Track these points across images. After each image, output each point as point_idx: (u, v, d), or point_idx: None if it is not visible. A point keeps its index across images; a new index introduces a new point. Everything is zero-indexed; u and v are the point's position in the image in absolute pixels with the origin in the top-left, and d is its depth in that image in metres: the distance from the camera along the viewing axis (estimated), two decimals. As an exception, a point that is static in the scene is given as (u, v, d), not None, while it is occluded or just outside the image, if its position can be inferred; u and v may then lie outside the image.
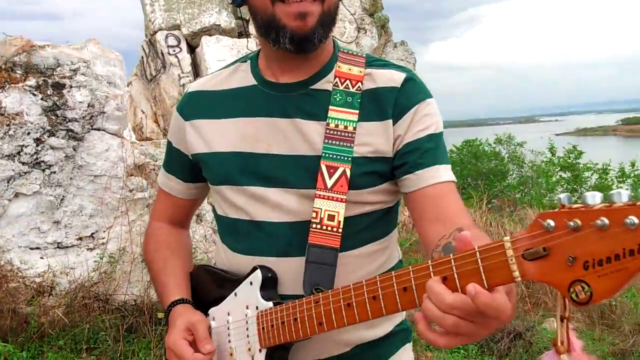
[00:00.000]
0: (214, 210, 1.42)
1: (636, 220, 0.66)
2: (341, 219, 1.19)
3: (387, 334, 1.33)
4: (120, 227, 4.46)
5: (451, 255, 0.84)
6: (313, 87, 1.27)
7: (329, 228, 1.19)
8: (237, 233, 1.31)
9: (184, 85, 7.03)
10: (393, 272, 0.93)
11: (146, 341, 4.03)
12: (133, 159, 4.60)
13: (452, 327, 0.80)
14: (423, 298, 0.84)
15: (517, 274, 0.78)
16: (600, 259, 0.70)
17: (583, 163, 10.16)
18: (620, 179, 9.68)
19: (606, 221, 0.69)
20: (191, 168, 1.42)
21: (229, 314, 1.27)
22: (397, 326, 1.37)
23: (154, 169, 4.76)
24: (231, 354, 1.26)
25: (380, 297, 0.94)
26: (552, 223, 0.74)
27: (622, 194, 0.70)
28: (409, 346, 1.40)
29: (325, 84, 1.27)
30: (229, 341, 1.27)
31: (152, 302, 4.23)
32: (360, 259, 1.26)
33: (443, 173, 1.22)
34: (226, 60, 4.80)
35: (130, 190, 4.56)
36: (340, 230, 1.19)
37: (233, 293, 1.27)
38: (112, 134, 4.48)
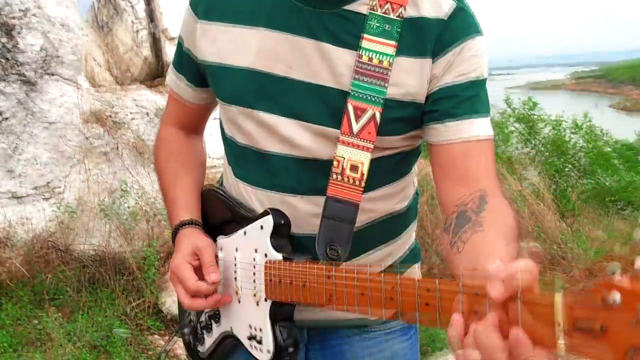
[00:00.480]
0: (221, 125, 1.27)
1: None
2: (365, 170, 1.06)
3: (397, 258, 1.26)
4: (77, 175, 4.33)
5: (487, 303, 0.69)
6: (346, 7, 1.07)
7: (351, 180, 1.06)
8: (245, 160, 1.19)
9: (138, 31, 6.78)
10: (417, 279, 0.83)
11: (109, 291, 3.97)
12: (89, 106, 4.44)
13: None
14: (462, 340, 0.71)
15: (562, 345, 0.62)
16: None
17: (537, 115, 10.38)
18: (574, 131, 9.92)
19: None
20: (202, 73, 1.24)
21: (237, 250, 1.19)
22: (410, 250, 1.30)
23: (110, 116, 4.61)
24: (237, 292, 1.18)
25: (400, 302, 0.85)
26: (617, 299, 0.58)
27: None
28: (417, 266, 1.32)
29: (361, 5, 1.07)
30: (235, 279, 1.18)
31: (113, 252, 4.15)
32: (376, 200, 1.16)
33: (478, 127, 1.07)
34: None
35: (87, 138, 4.41)
36: (363, 183, 1.06)
37: (242, 231, 1.17)
38: (66, 79, 4.30)
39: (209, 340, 1.27)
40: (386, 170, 1.14)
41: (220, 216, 1.26)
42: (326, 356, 1.25)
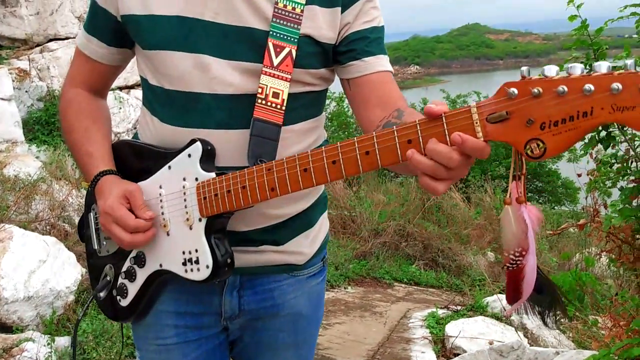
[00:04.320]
0: (142, 79, 1.34)
1: (592, 87, 0.77)
2: (285, 97, 1.22)
3: (311, 204, 1.40)
4: None
5: (417, 120, 0.92)
6: None
7: (273, 105, 1.22)
8: (173, 105, 1.27)
9: None
10: (355, 138, 0.99)
11: None
12: None
13: (449, 173, 0.90)
14: (413, 156, 0.91)
15: (480, 134, 0.87)
16: (556, 120, 0.81)
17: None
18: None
19: (565, 88, 0.79)
20: (118, 31, 1.32)
21: (160, 187, 1.26)
22: (320, 195, 1.44)
23: None
24: (165, 226, 1.25)
25: (341, 161, 1.00)
26: (515, 91, 0.83)
27: (577, 67, 0.80)
28: (325, 213, 1.49)
29: None
30: (162, 213, 1.25)
31: None
32: (297, 134, 1.30)
33: (386, 63, 1.30)
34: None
35: None
36: (283, 107, 1.22)
37: (166, 166, 1.25)
38: None
39: (133, 289, 1.31)
40: (303, 104, 1.30)
41: (136, 164, 1.33)
42: (258, 298, 1.37)
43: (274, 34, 1.22)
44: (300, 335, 1.46)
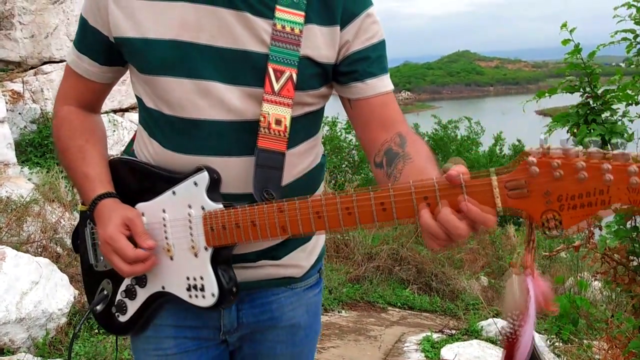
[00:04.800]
0: (138, 99, 1.30)
1: (611, 178, 0.81)
2: (288, 123, 1.21)
3: None
4: None
5: (435, 183, 0.94)
6: None
7: (277, 132, 1.20)
8: (173, 130, 1.24)
9: None
10: (370, 188, 1.00)
11: None
12: None
13: (451, 239, 0.93)
14: (423, 218, 0.93)
15: (499, 201, 0.90)
16: (572, 194, 0.85)
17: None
18: (347, 130, 10.89)
19: (586, 175, 0.83)
20: (110, 50, 1.29)
21: (164, 211, 1.24)
22: None
23: None
24: (168, 250, 1.24)
25: (356, 212, 1.01)
26: (537, 170, 0.86)
27: (594, 151, 0.83)
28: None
29: None
30: (166, 238, 1.24)
31: None
32: (298, 156, 1.29)
33: (387, 82, 1.28)
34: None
35: None
36: (287, 134, 1.21)
37: (171, 191, 1.23)
38: None
39: (133, 307, 1.30)
40: (304, 126, 1.29)
41: (134, 184, 1.31)
42: (256, 312, 1.36)
43: (274, 57, 1.19)
44: (298, 347, 1.46)
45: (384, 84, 1.28)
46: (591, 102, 2.41)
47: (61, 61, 7.63)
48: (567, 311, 4.24)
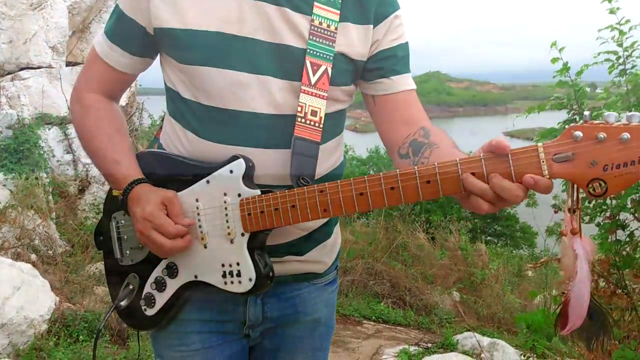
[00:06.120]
0: (171, 90, 1.34)
1: None
2: (322, 115, 1.26)
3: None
4: None
5: (481, 155, 0.98)
6: None
7: (312, 123, 1.25)
8: (211, 121, 1.27)
9: None
10: (415, 167, 1.04)
11: None
12: None
13: (502, 203, 0.98)
14: (473, 182, 0.98)
15: (546, 172, 0.94)
16: (618, 163, 0.89)
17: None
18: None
19: (628, 135, 0.87)
20: (145, 41, 1.31)
21: (197, 200, 1.26)
22: None
23: None
24: (202, 238, 1.26)
25: (400, 188, 1.04)
26: (580, 134, 0.91)
27: (636, 115, 0.89)
28: (338, 224, 1.52)
29: None
30: (200, 226, 1.26)
31: None
32: (326, 152, 1.33)
33: (411, 81, 1.35)
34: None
35: None
36: (321, 125, 1.26)
37: (204, 180, 1.25)
38: None
39: (162, 299, 1.32)
40: (333, 122, 1.34)
41: (165, 176, 1.32)
42: (281, 306, 1.41)
43: (311, 51, 1.24)
44: (318, 342, 1.51)
45: (408, 82, 1.35)
46: (577, 118, 2.53)
47: (39, 67, 7.56)
48: (541, 326, 4.34)
